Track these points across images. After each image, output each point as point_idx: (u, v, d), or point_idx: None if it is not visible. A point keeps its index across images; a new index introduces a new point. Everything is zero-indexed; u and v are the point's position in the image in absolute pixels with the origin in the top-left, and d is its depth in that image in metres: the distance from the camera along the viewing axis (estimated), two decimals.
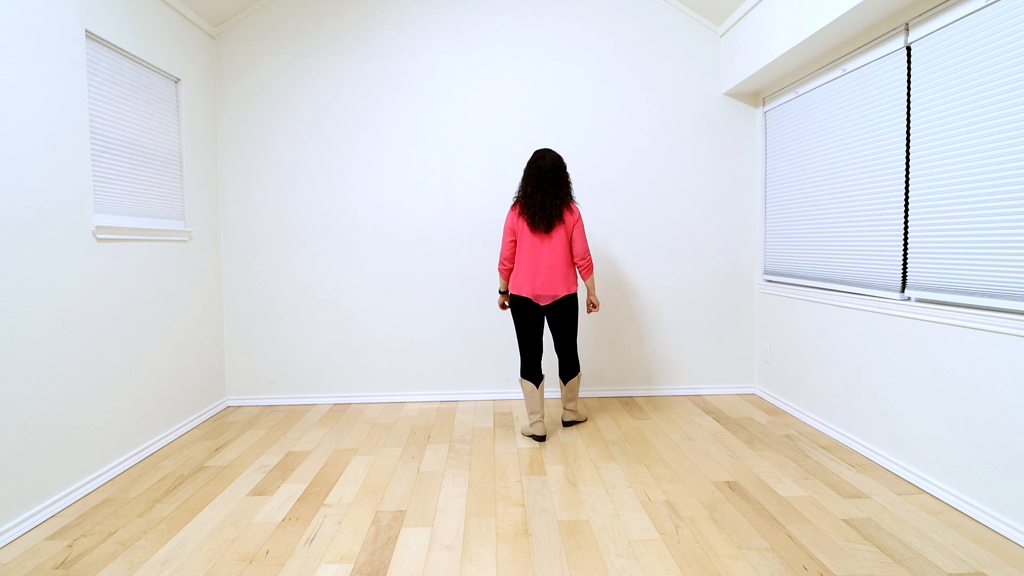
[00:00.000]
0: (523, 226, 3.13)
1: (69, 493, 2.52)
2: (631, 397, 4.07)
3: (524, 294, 3.13)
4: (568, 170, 3.67)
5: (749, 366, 4.14)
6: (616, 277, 4.07)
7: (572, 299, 3.20)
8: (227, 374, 4.01)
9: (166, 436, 3.26)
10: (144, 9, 3.14)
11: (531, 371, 3.21)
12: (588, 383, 4.11)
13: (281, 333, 4.01)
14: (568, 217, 3.13)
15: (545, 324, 4.01)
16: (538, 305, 3.16)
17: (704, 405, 3.85)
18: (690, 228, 4.07)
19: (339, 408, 3.91)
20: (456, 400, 4.07)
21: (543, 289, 3.11)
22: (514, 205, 3.18)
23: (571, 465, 2.87)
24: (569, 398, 3.38)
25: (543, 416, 3.22)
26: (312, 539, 2.18)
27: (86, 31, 2.70)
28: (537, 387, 3.19)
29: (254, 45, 3.92)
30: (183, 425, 3.43)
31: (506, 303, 3.31)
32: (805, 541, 2.11)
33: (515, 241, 3.16)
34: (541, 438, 3.20)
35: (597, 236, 4.05)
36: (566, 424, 3.44)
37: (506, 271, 3.22)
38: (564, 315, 3.21)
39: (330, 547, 2.13)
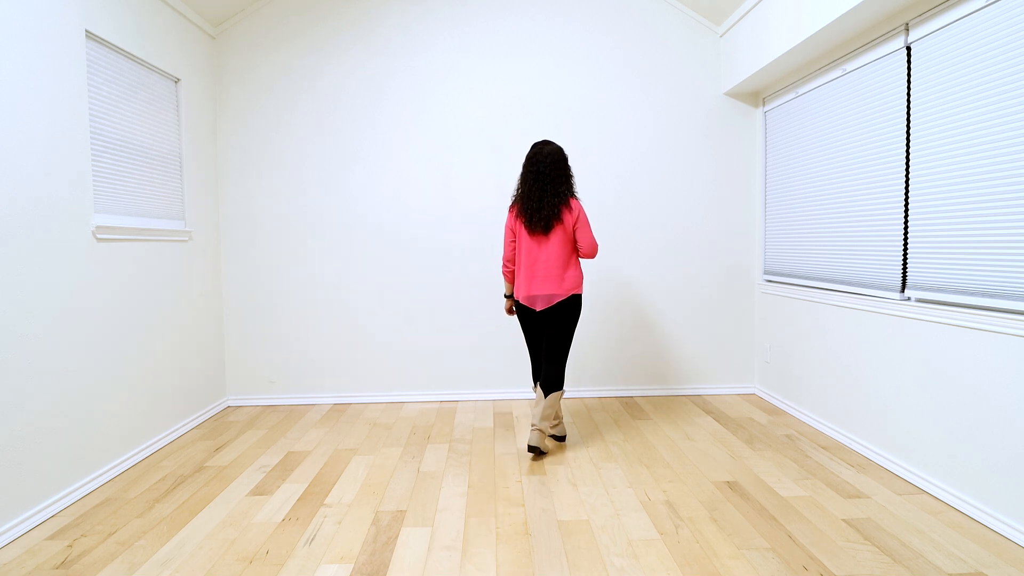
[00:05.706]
0: (521, 228, 2.99)
1: (69, 493, 2.52)
2: (631, 397, 4.07)
3: (520, 298, 3.00)
4: (569, 162, 3.52)
5: (749, 366, 4.14)
6: (616, 277, 4.07)
7: (571, 303, 2.93)
8: (227, 374, 4.01)
9: (166, 436, 3.26)
10: (144, 9, 3.14)
11: (537, 376, 3.12)
12: (588, 383, 4.11)
13: (281, 333, 4.01)
14: (567, 216, 2.90)
15: None
16: (534, 310, 2.98)
17: (704, 405, 3.85)
18: (690, 228, 4.06)
19: (339, 408, 3.91)
20: (456, 400, 4.07)
21: (538, 291, 2.93)
22: (512, 205, 3.05)
23: (571, 465, 2.87)
24: (544, 416, 2.91)
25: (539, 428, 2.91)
26: (312, 539, 2.18)
27: (86, 31, 2.70)
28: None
29: (254, 45, 3.92)
30: (183, 425, 3.43)
31: (513, 308, 3.19)
32: (805, 541, 2.11)
33: (515, 242, 3.04)
34: (533, 449, 2.89)
35: (597, 236, 4.05)
36: (556, 439, 3.18)
37: (509, 273, 3.10)
38: (559, 321, 2.94)
39: (330, 547, 2.13)
